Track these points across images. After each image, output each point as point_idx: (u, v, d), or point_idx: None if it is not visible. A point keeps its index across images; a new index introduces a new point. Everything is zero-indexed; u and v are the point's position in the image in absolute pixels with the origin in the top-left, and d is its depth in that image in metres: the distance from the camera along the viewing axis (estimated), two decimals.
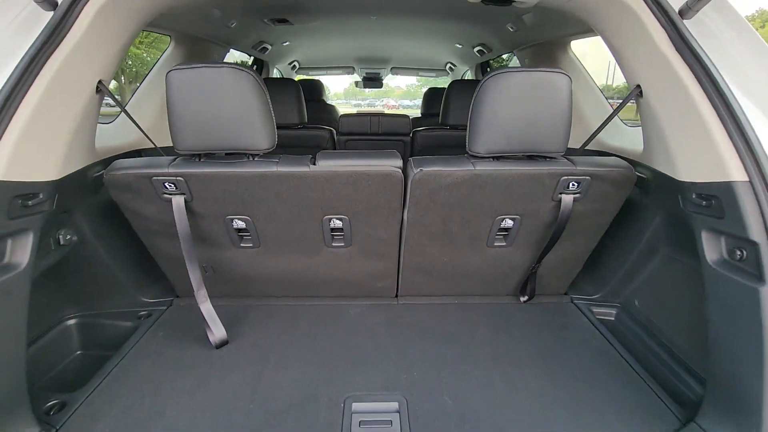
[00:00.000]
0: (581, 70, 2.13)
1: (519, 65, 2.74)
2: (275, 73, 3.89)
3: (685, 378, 1.22)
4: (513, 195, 1.30)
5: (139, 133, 1.67)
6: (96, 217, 1.39)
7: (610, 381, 1.22)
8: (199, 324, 1.39)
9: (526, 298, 1.64)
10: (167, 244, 1.40)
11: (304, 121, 2.28)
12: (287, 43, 3.07)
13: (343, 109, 4.09)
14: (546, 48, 2.24)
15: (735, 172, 0.93)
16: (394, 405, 1.11)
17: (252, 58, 3.24)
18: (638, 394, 1.17)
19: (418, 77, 6.23)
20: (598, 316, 1.59)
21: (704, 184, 1.02)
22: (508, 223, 1.37)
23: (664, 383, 1.23)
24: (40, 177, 1.02)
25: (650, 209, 1.40)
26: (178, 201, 1.23)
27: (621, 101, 1.42)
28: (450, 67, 4.19)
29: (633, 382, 1.23)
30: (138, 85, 2.07)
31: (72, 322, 1.48)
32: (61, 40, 1.00)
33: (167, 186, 1.21)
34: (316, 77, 4.42)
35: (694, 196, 1.06)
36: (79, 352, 1.49)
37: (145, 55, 16.14)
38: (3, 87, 0.91)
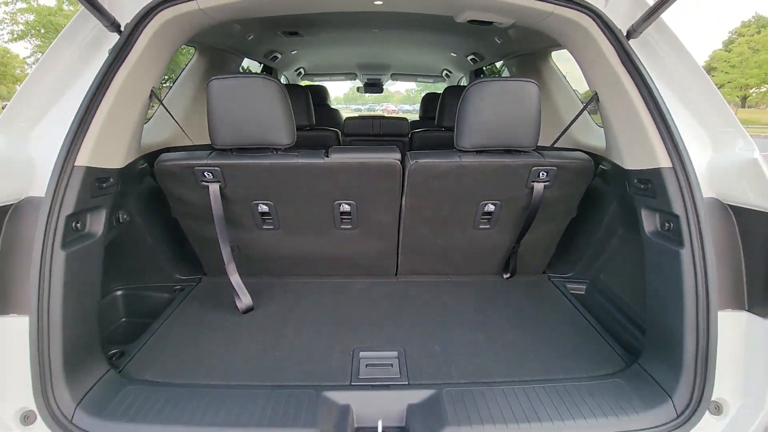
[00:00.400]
0: (560, 77, 2.39)
1: (508, 73, 3.01)
2: (282, 80, 4.15)
3: (634, 331, 1.46)
4: (493, 183, 1.55)
5: (171, 132, 1.93)
6: (140, 202, 1.64)
7: (574, 338, 1.47)
8: (227, 296, 1.64)
9: (508, 275, 1.89)
10: (201, 226, 1.65)
11: (313, 123, 2.54)
12: (295, 51, 3.34)
13: (344, 114, 4.38)
14: (529, 58, 2.50)
15: (662, 160, 1.19)
16: (394, 353, 1.36)
17: (262, 65, 3.51)
18: (597, 347, 1.42)
19: (418, 82, 6.52)
20: (571, 291, 1.84)
21: (642, 170, 1.28)
22: (490, 207, 1.62)
23: (618, 337, 1.47)
24: (111, 165, 1.27)
25: (609, 196, 1.65)
26: (214, 188, 1.48)
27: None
28: (446, 74, 4.46)
29: (593, 338, 1.47)
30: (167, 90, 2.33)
31: (119, 293, 1.73)
32: (126, 57, 1.25)
33: (206, 175, 1.46)
34: (320, 83, 4.70)
35: (635, 181, 1.31)
36: (123, 319, 1.73)
37: None
38: (85, 96, 1.16)
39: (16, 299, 1.01)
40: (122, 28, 1.24)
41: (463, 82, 4.23)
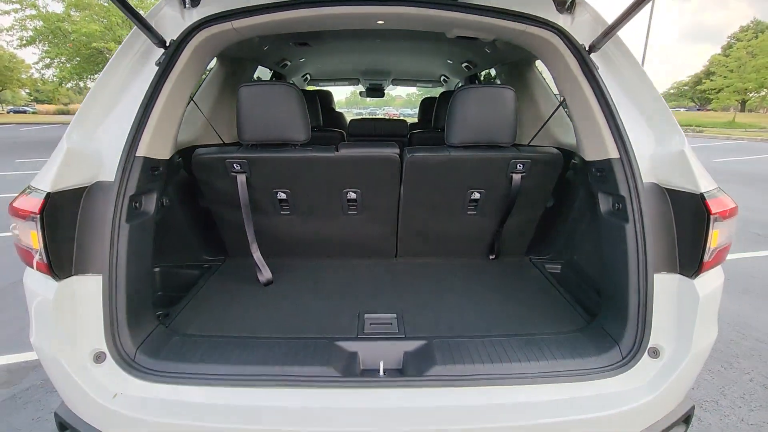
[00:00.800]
0: (543, 83, 2.66)
1: (499, 80, 3.29)
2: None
3: (596, 298, 1.73)
4: (478, 174, 1.82)
5: (196, 131, 2.20)
6: (175, 191, 1.92)
7: (546, 304, 1.74)
8: (249, 273, 1.91)
9: (493, 256, 2.16)
10: (228, 212, 1.92)
11: (320, 125, 2.82)
12: (303, 59, 3.63)
13: (347, 117, 4.69)
14: (516, 66, 2.78)
15: (612, 152, 1.45)
16: (393, 315, 1.63)
17: (272, 72, 3.79)
18: (564, 311, 1.69)
19: (418, 87, 6.81)
20: (549, 270, 2.10)
21: (598, 161, 1.55)
22: (476, 195, 1.89)
23: (583, 304, 1.74)
24: (161, 156, 1.55)
25: (578, 185, 1.92)
26: (241, 178, 1.76)
27: None
28: (444, 79, 4.75)
29: (562, 305, 1.74)
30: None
31: (156, 270, 2.00)
32: (171, 69, 1.52)
33: (234, 166, 1.73)
34: (325, 88, 4.99)
35: (593, 170, 1.58)
36: (160, 293, 2.00)
37: None
38: (143, 99, 1.43)
39: (92, 262, 1.26)
40: (167, 44, 1.52)
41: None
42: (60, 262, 1.14)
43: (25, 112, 54.75)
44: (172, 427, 1.04)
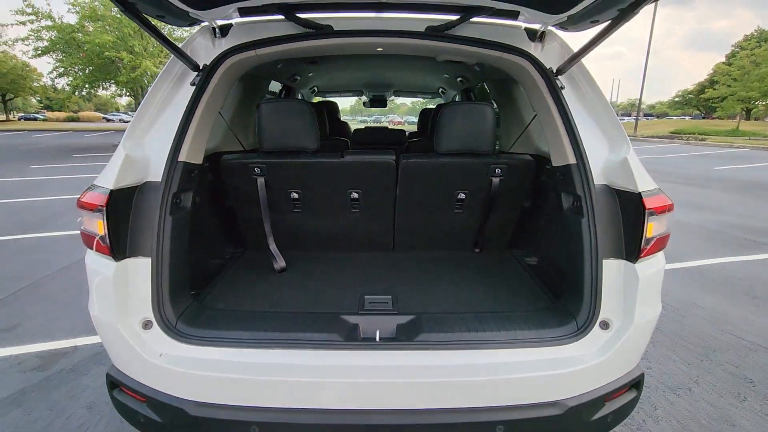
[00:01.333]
0: (525, 96, 2.90)
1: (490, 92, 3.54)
2: (298, 96, 4.72)
3: (562, 283, 1.94)
4: (463, 177, 2.06)
5: (217, 140, 2.45)
6: (205, 192, 2.17)
7: (520, 289, 1.96)
8: (266, 262, 2.16)
9: (478, 249, 2.40)
10: (248, 210, 2.17)
11: (327, 134, 3.08)
12: (311, 74, 3.91)
13: (351, 125, 4.97)
14: (504, 81, 3.02)
15: (571, 159, 1.68)
16: (389, 296, 1.85)
17: (282, 85, 4.07)
18: (535, 294, 1.91)
19: (418, 98, 7.10)
20: (527, 262, 2.33)
21: (561, 166, 1.78)
22: (462, 196, 2.13)
23: (552, 288, 1.95)
24: (196, 161, 1.79)
25: (550, 188, 2.15)
26: (260, 180, 2.00)
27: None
28: (442, 91, 5.01)
29: (534, 290, 1.96)
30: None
31: (190, 256, 2.24)
32: (205, 88, 1.76)
33: (255, 170, 1.98)
34: (331, 99, 5.27)
35: (558, 174, 1.81)
36: (193, 276, 2.24)
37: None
38: (183, 113, 1.67)
39: (142, 246, 1.48)
40: (201, 68, 1.77)
41: (456, 99, 4.77)
42: (118, 246, 1.38)
43: (35, 119, 55.76)
44: (205, 378, 1.27)
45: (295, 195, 2.11)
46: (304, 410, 1.25)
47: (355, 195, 2.12)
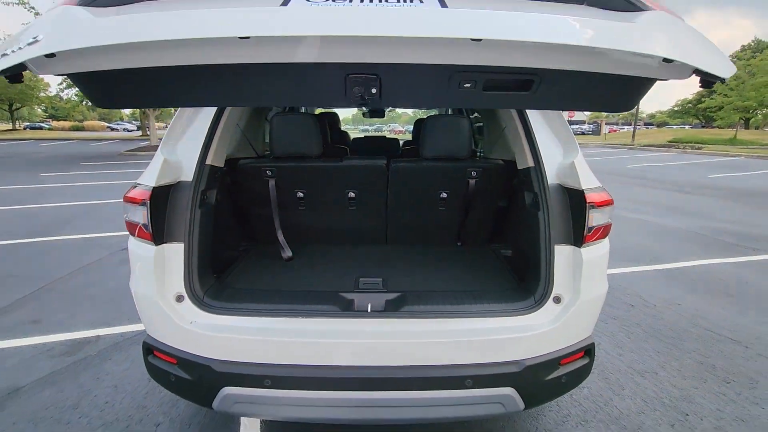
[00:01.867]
0: (510, 114, 3.19)
1: None
2: (302, 109, 5.02)
3: (525, 266, 2.19)
4: (444, 179, 2.33)
5: (232, 147, 2.73)
6: (223, 191, 2.44)
7: (494, 275, 2.21)
8: (275, 252, 2.42)
9: (460, 243, 2.66)
10: (260, 207, 2.45)
11: (329, 142, 3.37)
12: None
13: (351, 134, 5.26)
14: None
15: (530, 162, 1.95)
16: (380, 279, 2.09)
17: None
18: (505, 278, 2.16)
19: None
20: (503, 254, 2.58)
21: (524, 169, 2.05)
22: (444, 195, 2.40)
23: (519, 273, 2.19)
24: (219, 164, 2.07)
25: (518, 188, 2.41)
26: (271, 182, 2.28)
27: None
28: None
29: (505, 275, 2.21)
30: None
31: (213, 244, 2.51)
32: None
33: (267, 172, 2.26)
34: (332, 110, 5.57)
35: (522, 175, 2.08)
36: (215, 262, 2.50)
37: None
38: (209, 126, 1.95)
39: (176, 234, 1.74)
40: None
41: (449, 111, 5.07)
42: (158, 233, 1.65)
43: (41, 128, 56.48)
44: (228, 340, 1.53)
45: (300, 194, 2.39)
46: (308, 366, 1.51)
47: (352, 194, 2.39)
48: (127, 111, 54.24)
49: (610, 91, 1.29)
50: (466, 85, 1.24)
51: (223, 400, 1.52)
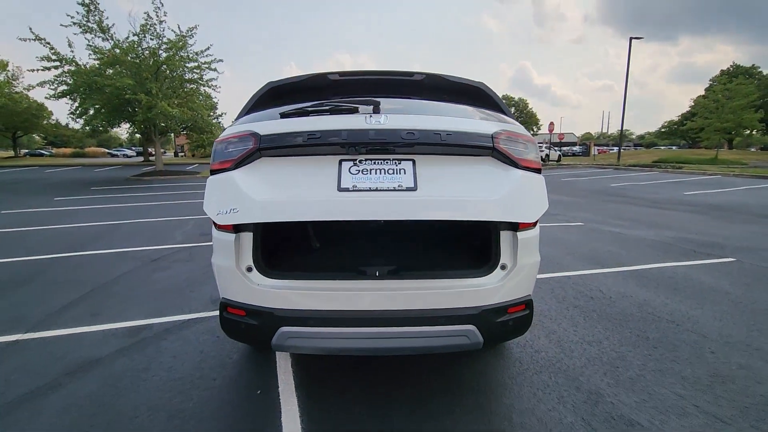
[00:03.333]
0: None
1: None
2: None
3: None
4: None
5: None
6: None
7: (464, 253, 2.91)
8: (307, 243, 3.14)
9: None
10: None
11: None
12: None
13: None
14: None
15: None
16: (383, 258, 2.81)
17: None
18: (476, 258, 2.86)
19: None
20: (469, 240, 3.31)
21: None
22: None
23: (480, 251, 2.91)
24: None
25: None
26: None
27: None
28: None
29: (471, 252, 2.91)
30: None
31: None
32: None
33: None
34: None
35: None
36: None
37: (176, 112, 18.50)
38: None
39: (247, 226, 2.45)
40: None
41: None
42: (236, 226, 2.35)
43: (41, 155, 57.34)
44: (283, 294, 2.22)
45: None
46: (337, 310, 2.21)
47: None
48: (123, 136, 55.31)
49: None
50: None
51: (279, 337, 2.20)
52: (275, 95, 2.90)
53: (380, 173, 2.17)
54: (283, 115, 2.37)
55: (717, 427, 2.34)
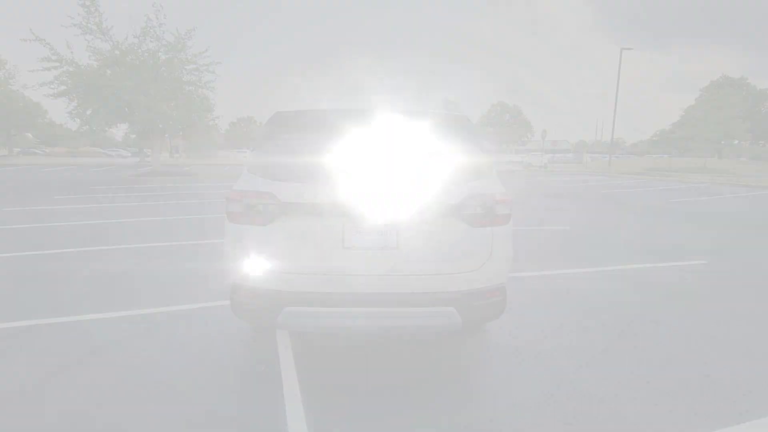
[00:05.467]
0: None
1: None
2: None
3: None
4: None
5: None
6: None
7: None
8: None
9: None
10: None
11: None
12: None
13: None
14: None
15: None
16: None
17: None
18: None
19: None
20: None
21: None
22: None
23: None
24: None
25: None
26: None
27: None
28: None
29: None
30: None
31: None
32: None
33: None
34: None
35: None
36: None
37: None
38: None
39: None
40: None
41: None
42: None
43: (35, 153, 57.18)
44: (289, 278, 2.61)
45: None
46: (335, 293, 2.58)
47: None
48: (119, 137, 55.37)
49: None
50: None
51: (285, 315, 2.58)
52: (282, 123, 3.04)
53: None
54: None
55: None
